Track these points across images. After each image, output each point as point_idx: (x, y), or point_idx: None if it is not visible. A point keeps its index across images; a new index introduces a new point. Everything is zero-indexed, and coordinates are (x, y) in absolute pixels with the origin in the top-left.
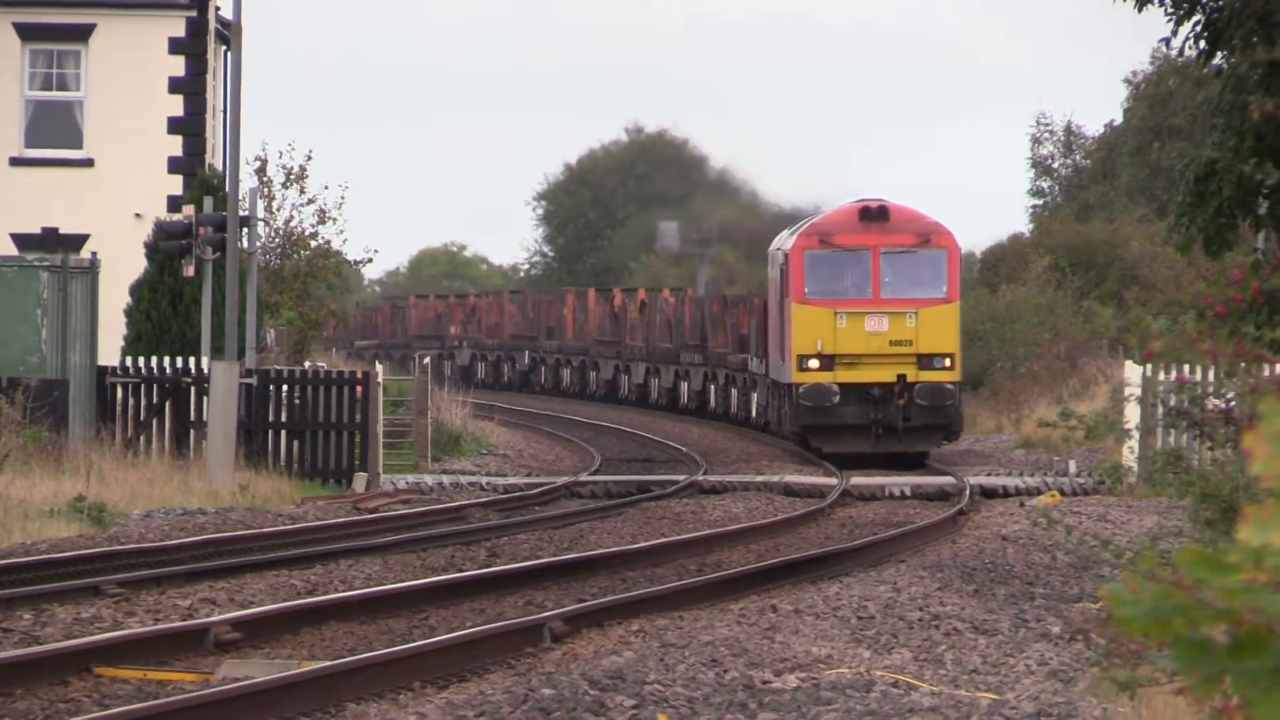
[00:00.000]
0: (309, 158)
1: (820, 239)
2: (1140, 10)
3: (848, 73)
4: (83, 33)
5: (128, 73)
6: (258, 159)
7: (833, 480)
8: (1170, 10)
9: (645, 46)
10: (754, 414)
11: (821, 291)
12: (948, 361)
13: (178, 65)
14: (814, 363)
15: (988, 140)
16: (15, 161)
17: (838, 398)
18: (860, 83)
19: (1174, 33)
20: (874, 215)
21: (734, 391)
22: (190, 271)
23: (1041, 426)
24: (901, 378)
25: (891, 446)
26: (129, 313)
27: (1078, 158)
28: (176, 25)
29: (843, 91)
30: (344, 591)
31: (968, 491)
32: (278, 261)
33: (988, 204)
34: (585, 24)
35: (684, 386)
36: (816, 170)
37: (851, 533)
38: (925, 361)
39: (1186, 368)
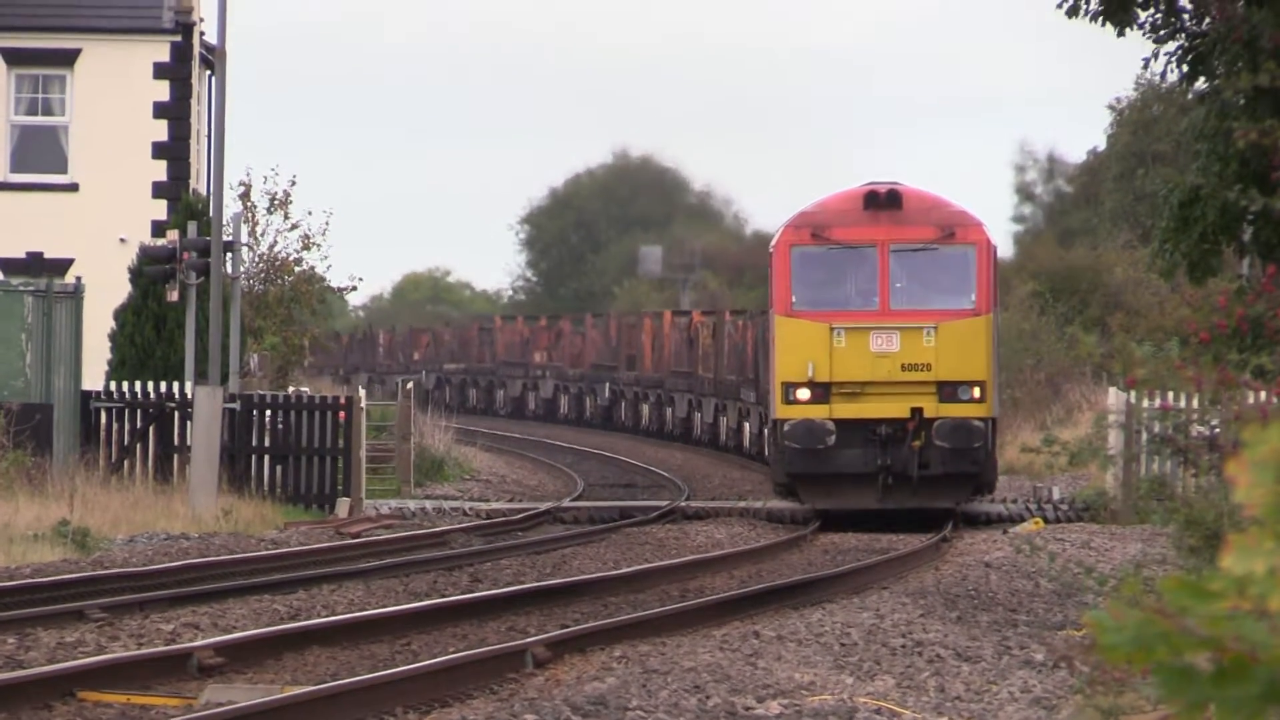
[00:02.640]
0: (293, 183)
1: (813, 233)
2: (1120, 35)
3: (832, 97)
4: (68, 58)
5: (112, 97)
6: (242, 184)
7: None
8: (1148, 32)
9: (633, 70)
10: (746, 444)
11: (814, 301)
12: (976, 392)
13: (162, 90)
14: (803, 393)
15: (970, 165)
16: (0, 186)
17: (834, 438)
18: (843, 107)
19: (1154, 55)
20: (883, 202)
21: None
22: (174, 296)
23: (1024, 453)
24: (917, 412)
25: (905, 501)
26: (113, 337)
27: (1060, 183)
28: (161, 50)
29: (826, 116)
30: (327, 616)
31: (951, 519)
32: (262, 287)
33: None
34: (571, 49)
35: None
36: (800, 193)
37: (834, 559)
38: (948, 391)
39: (1170, 394)
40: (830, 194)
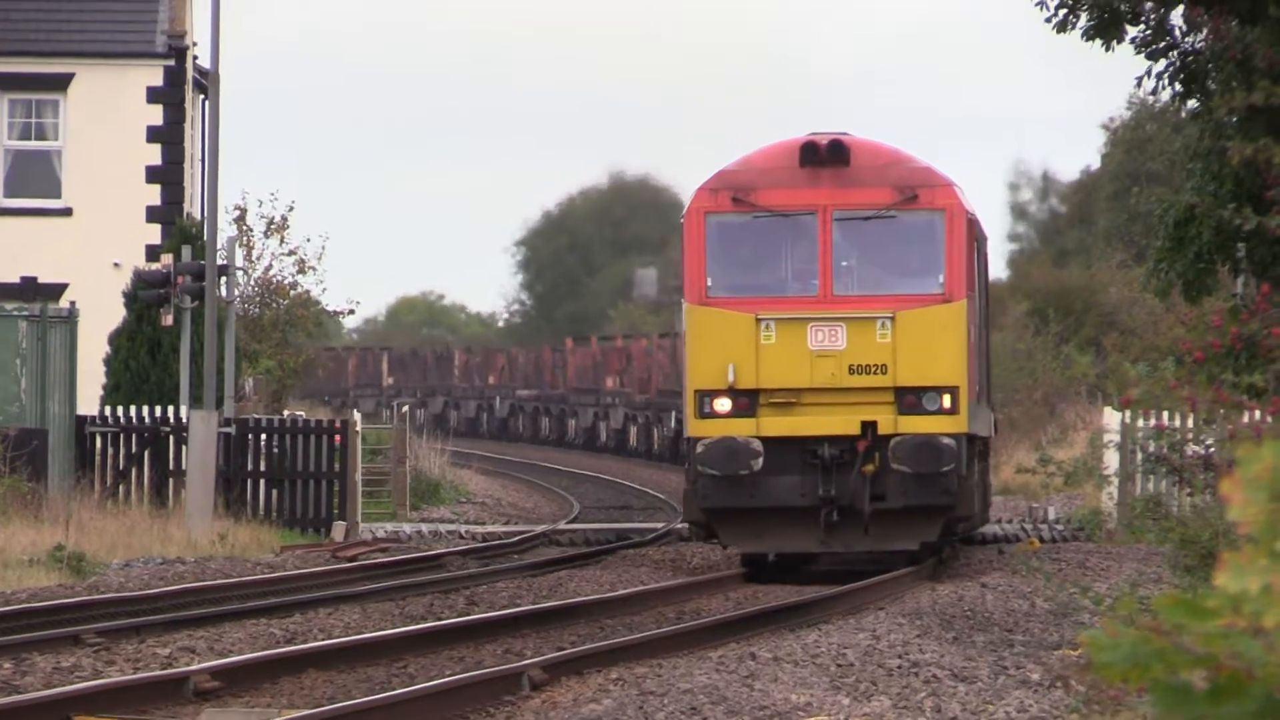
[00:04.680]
0: (290, 208)
1: (735, 196)
2: (1108, 50)
3: (829, 116)
4: (61, 82)
5: (106, 122)
6: (237, 208)
7: None
8: (1139, 48)
9: (630, 91)
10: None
11: (736, 285)
12: (946, 400)
13: (156, 114)
14: (722, 404)
15: (965, 184)
16: None
17: (762, 462)
18: (840, 126)
19: (1147, 72)
20: (824, 157)
21: None
22: (169, 320)
23: (1020, 473)
24: (869, 428)
25: (853, 544)
26: (108, 362)
27: (1054, 202)
28: (154, 74)
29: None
30: (323, 640)
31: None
32: (257, 310)
33: None
34: (568, 72)
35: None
36: None
37: (830, 580)
38: (909, 400)
39: (1165, 414)
40: (759, 147)
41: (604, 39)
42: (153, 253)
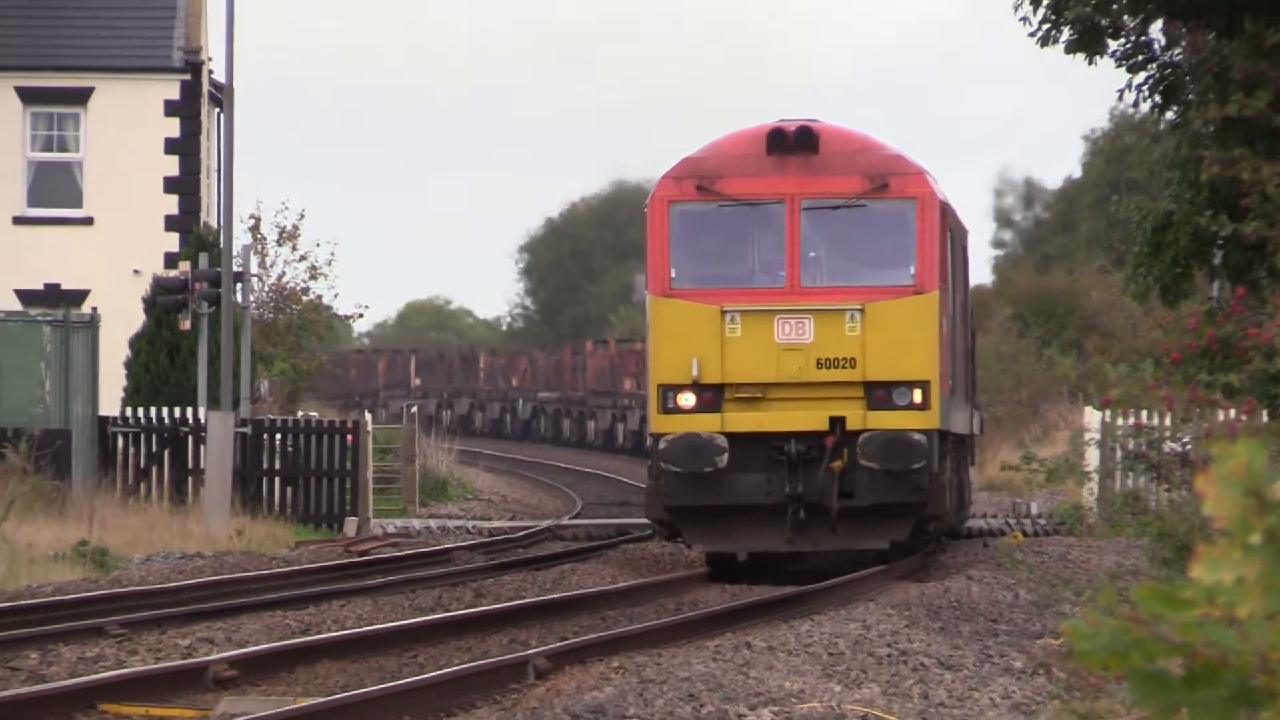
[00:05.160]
0: (302, 217)
1: (699, 185)
2: (1091, 63)
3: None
4: (82, 96)
5: (125, 134)
6: (252, 217)
7: None
8: (1120, 61)
9: (630, 98)
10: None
11: (701, 276)
12: (917, 395)
13: (173, 127)
14: (687, 398)
15: (951, 193)
16: (18, 220)
17: (727, 458)
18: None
19: (1128, 85)
20: (792, 144)
21: None
22: (187, 325)
23: (1004, 470)
24: (838, 423)
25: (821, 542)
26: (128, 365)
27: (1038, 210)
28: (171, 88)
29: None
30: (336, 631)
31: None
32: (271, 315)
33: None
34: (569, 81)
35: None
36: None
37: (822, 572)
38: (879, 395)
39: (1144, 413)
40: (726, 134)
41: (605, 47)
42: (171, 260)
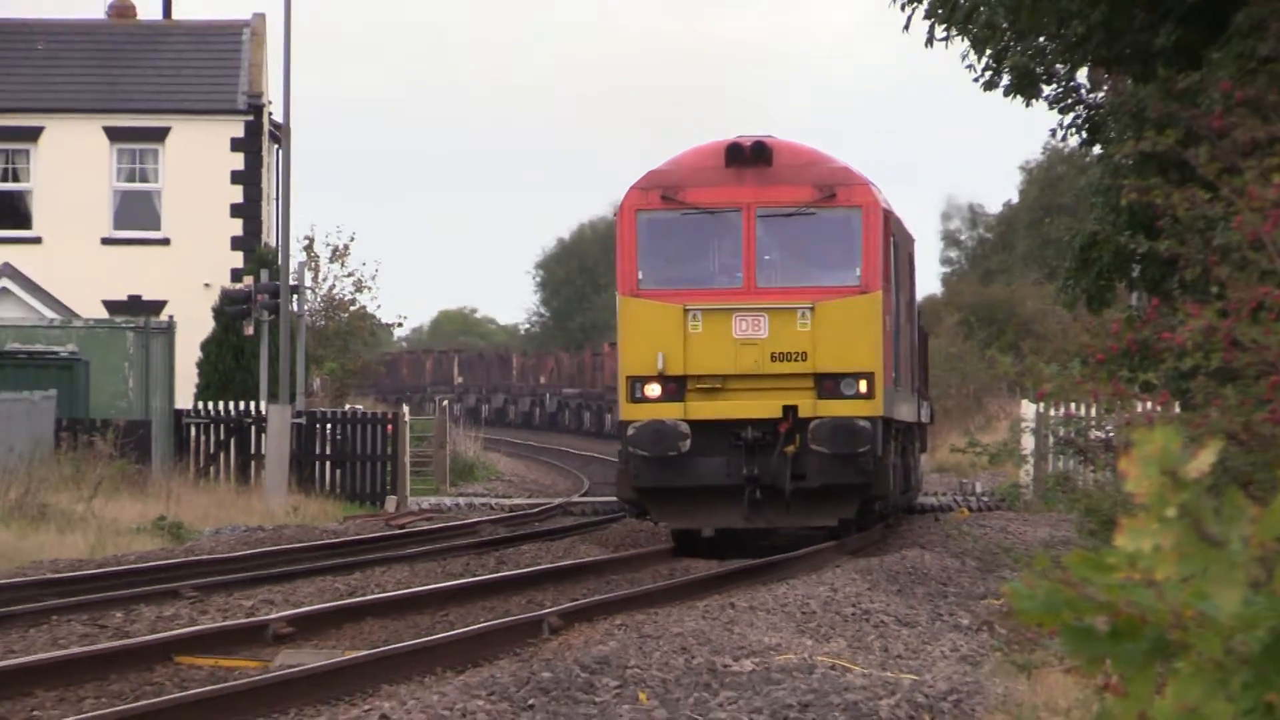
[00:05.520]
0: (352, 239)
1: (664, 195)
2: (1028, 105)
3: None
4: (160, 134)
5: (197, 167)
6: (306, 237)
7: None
8: (1052, 104)
9: (632, 129)
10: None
11: (665, 278)
12: (863, 385)
13: (238, 160)
14: (653, 389)
15: (905, 215)
16: (106, 241)
17: (689, 444)
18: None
19: (1060, 125)
20: (748, 158)
21: None
22: (250, 331)
23: (953, 453)
24: (790, 411)
25: (776, 520)
26: (200, 365)
27: (981, 231)
28: (236, 128)
29: None
30: (379, 593)
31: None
32: (322, 322)
33: None
34: (577, 115)
35: None
36: None
37: (796, 542)
38: (828, 385)
39: (1073, 405)
40: (688, 149)
41: (610, 87)
42: (236, 275)
